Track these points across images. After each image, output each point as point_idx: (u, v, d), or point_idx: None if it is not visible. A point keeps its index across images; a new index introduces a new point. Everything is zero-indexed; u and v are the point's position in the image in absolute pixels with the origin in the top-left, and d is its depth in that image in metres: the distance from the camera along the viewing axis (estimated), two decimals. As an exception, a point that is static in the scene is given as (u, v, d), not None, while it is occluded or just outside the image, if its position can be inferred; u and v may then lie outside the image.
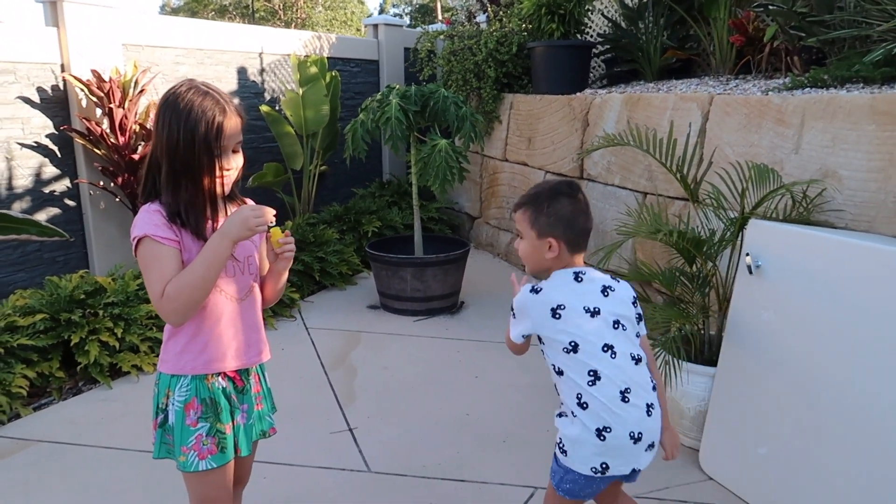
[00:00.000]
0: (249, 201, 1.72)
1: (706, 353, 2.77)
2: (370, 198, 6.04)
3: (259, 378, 1.77)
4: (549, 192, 1.68)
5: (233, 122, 1.56)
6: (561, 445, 1.66)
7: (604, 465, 1.60)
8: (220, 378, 1.63)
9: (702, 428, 2.62)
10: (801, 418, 2.25)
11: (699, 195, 3.06)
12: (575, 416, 1.62)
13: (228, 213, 1.64)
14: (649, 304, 2.86)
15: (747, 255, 2.40)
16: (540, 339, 1.68)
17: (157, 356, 3.51)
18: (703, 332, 2.81)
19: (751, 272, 2.39)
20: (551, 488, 1.73)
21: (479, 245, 6.07)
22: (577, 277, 1.67)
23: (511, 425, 2.97)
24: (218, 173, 1.55)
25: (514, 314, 1.72)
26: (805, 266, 2.27)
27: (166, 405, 1.61)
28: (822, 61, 3.78)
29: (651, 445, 1.65)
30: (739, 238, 2.59)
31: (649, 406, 1.63)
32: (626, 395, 1.59)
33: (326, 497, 2.48)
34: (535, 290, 1.67)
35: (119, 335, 3.42)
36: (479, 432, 2.92)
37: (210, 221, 1.57)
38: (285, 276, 1.77)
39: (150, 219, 1.52)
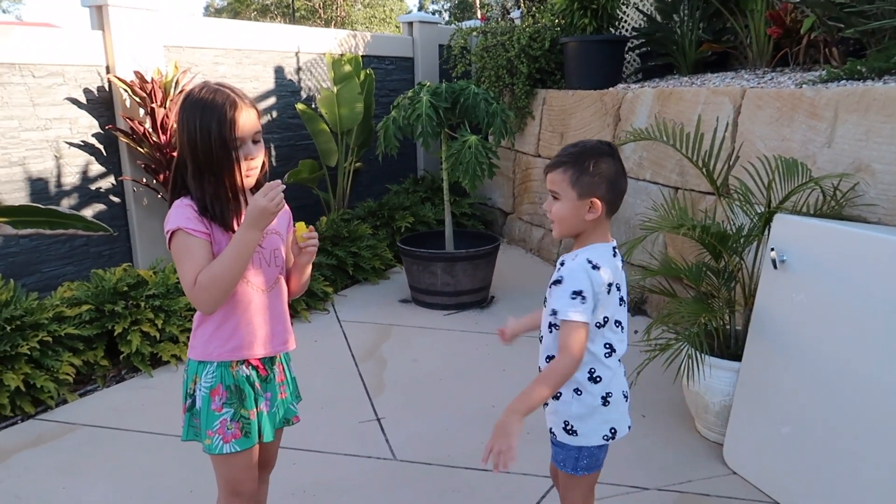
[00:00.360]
0: None
1: (732, 347, 2.76)
2: (404, 194, 6.11)
3: (283, 367, 1.83)
4: (592, 151, 1.60)
5: (245, 114, 1.59)
6: (567, 428, 1.67)
7: (612, 431, 1.69)
8: (244, 366, 1.70)
9: (726, 422, 2.61)
10: (826, 414, 2.23)
11: (728, 190, 3.03)
12: (579, 393, 1.65)
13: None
14: (675, 299, 2.85)
15: (772, 249, 2.39)
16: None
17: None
18: (728, 326, 2.79)
19: (775, 266, 2.37)
20: (568, 478, 1.75)
21: (512, 240, 6.09)
22: (615, 253, 1.66)
23: (535, 418, 2.95)
24: (238, 165, 1.60)
25: (582, 296, 1.54)
26: (831, 261, 2.25)
27: (194, 390, 1.69)
28: (862, 53, 3.70)
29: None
30: (766, 232, 2.57)
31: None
32: (621, 361, 1.70)
33: (353, 483, 2.55)
34: (595, 267, 1.57)
35: (159, 326, 3.56)
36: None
37: (236, 213, 1.64)
38: (309, 269, 1.84)
39: (182, 213, 1.59)
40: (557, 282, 1.59)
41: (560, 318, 1.55)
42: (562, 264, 1.65)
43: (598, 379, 1.65)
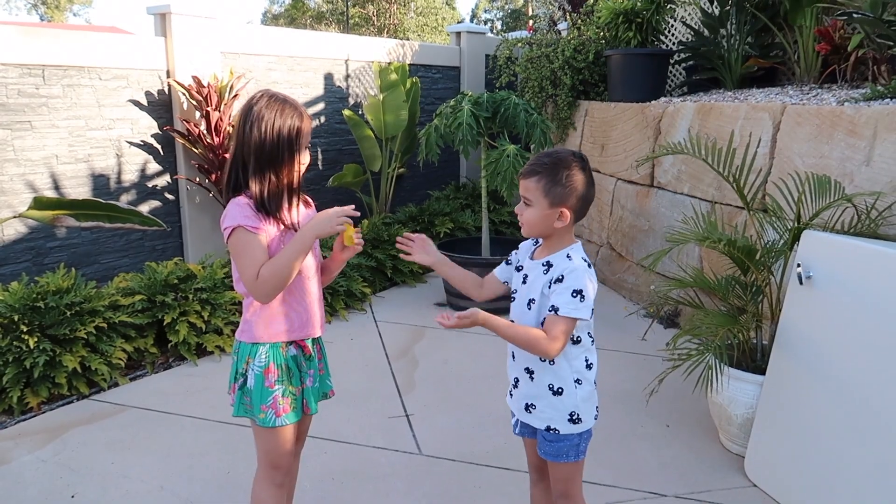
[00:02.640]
0: (308, 199, 1.98)
1: (758, 360, 2.77)
2: (445, 200, 6.23)
3: (320, 347, 2.01)
4: (566, 163, 1.69)
5: (307, 125, 1.84)
6: (574, 418, 1.75)
7: (598, 408, 1.84)
8: (292, 346, 1.88)
9: (749, 435, 2.63)
10: (848, 431, 2.23)
11: (764, 206, 3.05)
12: (580, 383, 1.76)
13: (298, 205, 1.89)
14: (703, 311, 2.88)
15: (798, 265, 2.41)
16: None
17: (238, 338, 3.82)
18: (754, 340, 2.80)
19: (801, 282, 2.39)
20: (572, 466, 1.81)
21: (551, 250, 6.13)
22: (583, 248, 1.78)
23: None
24: (296, 167, 1.82)
25: (581, 295, 1.64)
26: (857, 278, 2.26)
27: (246, 370, 1.85)
28: (910, 71, 3.65)
29: None
30: (794, 248, 2.59)
31: None
32: None
33: (378, 473, 2.67)
34: (590, 264, 1.71)
35: (205, 318, 3.76)
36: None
37: (288, 206, 1.84)
38: (343, 265, 2.04)
39: (241, 211, 1.75)
40: (558, 280, 1.68)
41: (561, 315, 1.65)
42: (549, 265, 1.74)
43: (591, 366, 1.80)
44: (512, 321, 1.78)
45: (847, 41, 4.01)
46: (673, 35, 5.67)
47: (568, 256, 1.72)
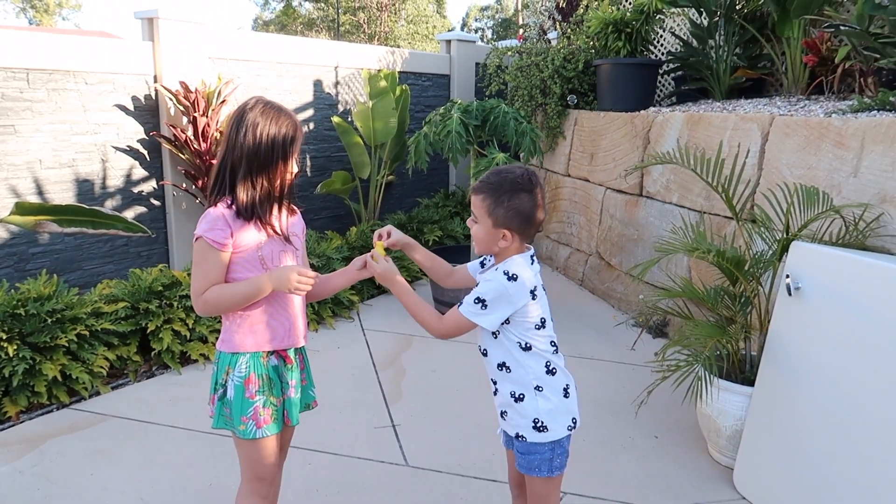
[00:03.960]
0: (294, 207, 1.96)
1: (747, 372, 2.76)
2: (434, 208, 6.21)
3: (302, 357, 1.98)
4: (510, 185, 1.68)
5: (299, 134, 1.85)
6: (538, 426, 1.73)
7: (574, 420, 1.80)
8: (273, 356, 1.85)
9: (738, 447, 2.61)
10: (837, 443, 2.22)
11: (753, 216, 3.05)
12: (540, 390, 1.74)
13: (282, 212, 1.88)
14: (692, 321, 2.87)
15: (787, 276, 2.40)
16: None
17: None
18: (743, 351, 2.80)
19: (790, 293, 2.39)
20: (545, 482, 1.78)
21: (539, 258, 6.11)
22: (532, 261, 1.76)
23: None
24: (286, 175, 1.83)
25: (484, 304, 1.67)
26: (845, 290, 2.26)
27: (226, 381, 1.82)
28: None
29: None
30: (783, 259, 2.58)
31: None
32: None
33: (364, 485, 2.63)
34: (512, 278, 1.67)
35: (190, 325, 3.71)
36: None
37: (272, 211, 1.83)
38: (341, 289, 2.06)
39: (212, 223, 1.74)
40: (477, 284, 1.74)
41: (460, 310, 1.70)
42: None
43: (553, 371, 1.77)
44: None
45: (834, 53, 4.04)
46: (661, 45, 5.70)
47: (498, 269, 1.72)
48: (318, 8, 32.04)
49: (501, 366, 1.76)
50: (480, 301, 1.67)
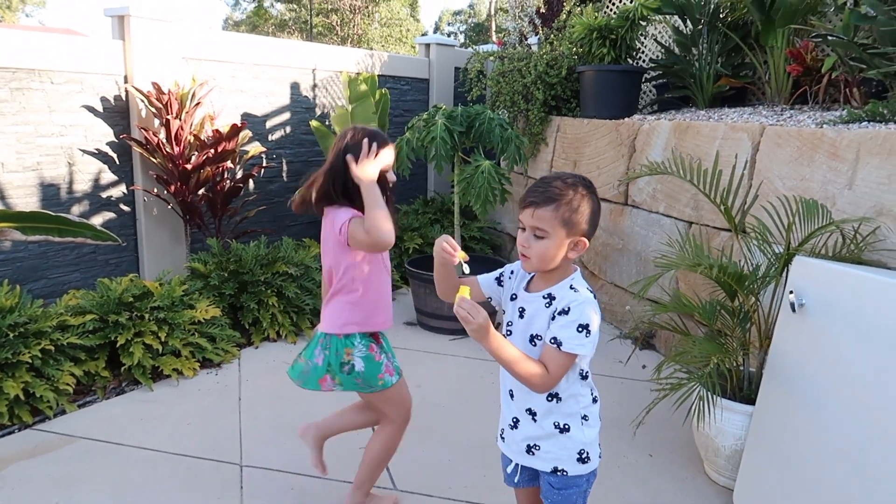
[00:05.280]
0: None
1: (745, 390, 2.70)
2: (413, 214, 6.08)
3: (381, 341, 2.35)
4: (582, 188, 1.56)
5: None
6: (583, 457, 1.64)
7: (601, 447, 1.75)
8: (369, 336, 2.26)
9: (737, 467, 2.55)
10: (841, 463, 2.16)
11: (745, 228, 2.99)
12: (586, 419, 1.65)
13: None
14: (689, 338, 2.80)
15: (791, 292, 2.34)
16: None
17: (198, 361, 3.62)
18: (742, 368, 2.73)
19: (794, 310, 2.32)
20: None
21: (521, 266, 6.04)
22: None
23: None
24: None
25: (588, 330, 1.53)
26: (851, 306, 2.20)
27: (350, 359, 2.20)
28: (883, 94, 3.67)
29: None
30: (784, 274, 2.52)
31: None
32: None
33: (351, 512, 2.49)
34: (591, 292, 1.59)
35: (162, 339, 3.53)
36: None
37: None
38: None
39: (349, 211, 2.15)
40: (563, 312, 1.56)
41: (564, 350, 1.53)
42: (551, 297, 1.60)
43: (596, 399, 1.71)
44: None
45: (819, 63, 4.03)
46: (644, 52, 5.67)
47: (572, 287, 1.59)
48: (290, 9, 31.70)
49: (552, 396, 1.62)
50: (584, 328, 1.53)
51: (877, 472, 2.06)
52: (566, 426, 1.63)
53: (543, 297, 1.62)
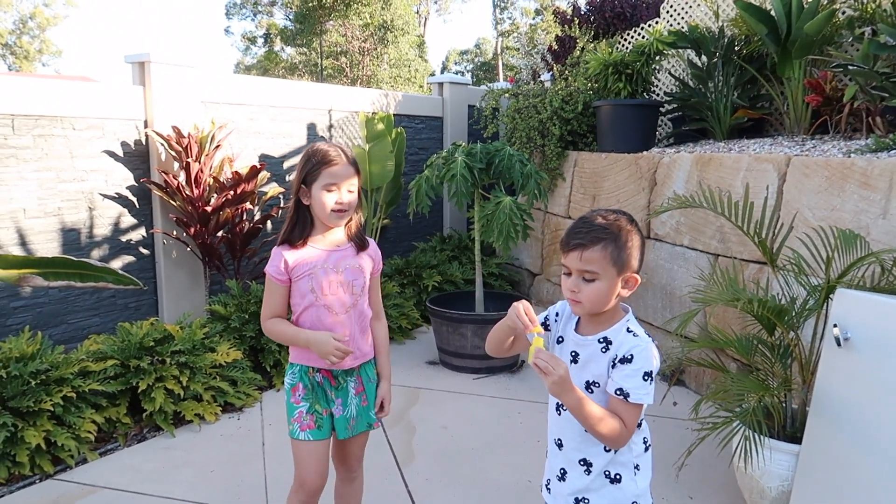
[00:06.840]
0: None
1: (789, 428, 2.60)
2: (431, 252, 6.05)
3: (362, 380, 2.12)
4: (626, 224, 1.51)
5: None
6: None
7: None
8: (318, 373, 2.06)
9: (785, 511, 2.44)
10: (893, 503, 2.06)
11: (779, 260, 2.93)
12: (639, 469, 1.57)
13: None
14: (726, 374, 2.71)
15: (835, 326, 2.26)
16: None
17: (220, 405, 3.58)
18: (784, 405, 2.64)
19: (839, 344, 2.24)
20: None
21: (540, 302, 5.97)
22: None
23: None
24: None
25: (651, 377, 1.48)
26: (901, 340, 2.12)
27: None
28: (905, 122, 3.64)
29: None
30: (824, 307, 2.45)
31: None
32: None
33: (384, 564, 2.40)
34: (650, 336, 1.53)
35: (184, 383, 3.47)
36: (541, 502, 2.79)
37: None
38: None
39: (274, 260, 2.03)
40: (626, 360, 1.48)
41: (632, 401, 1.46)
42: (608, 342, 1.53)
43: (648, 446, 1.63)
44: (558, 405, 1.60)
45: (839, 93, 4.01)
46: (659, 86, 5.68)
47: (629, 331, 1.52)
48: (300, 52, 32.31)
49: (611, 447, 1.54)
50: (649, 375, 1.48)
51: (939, 515, 1.96)
52: (617, 476, 1.56)
53: (599, 342, 1.54)
